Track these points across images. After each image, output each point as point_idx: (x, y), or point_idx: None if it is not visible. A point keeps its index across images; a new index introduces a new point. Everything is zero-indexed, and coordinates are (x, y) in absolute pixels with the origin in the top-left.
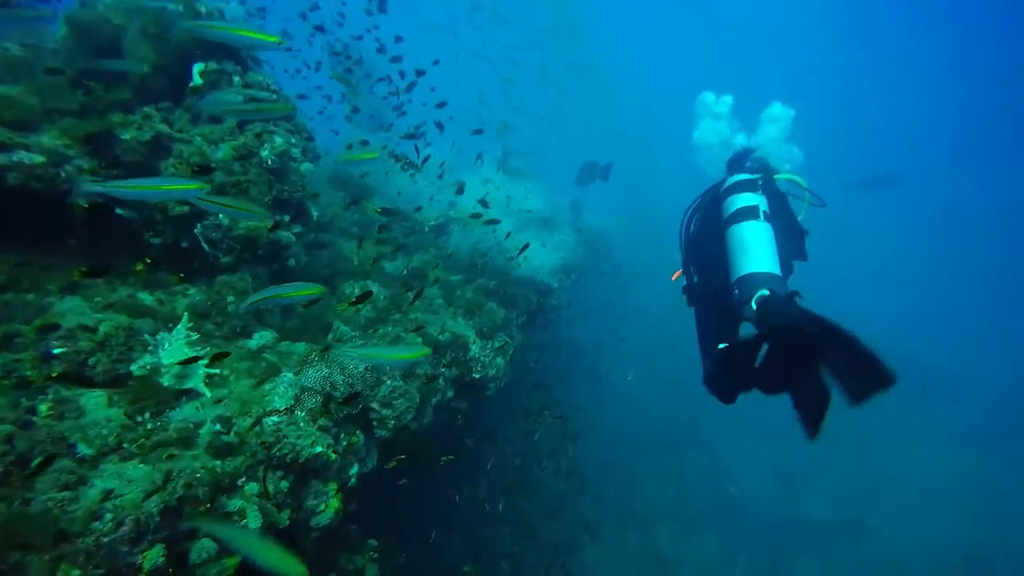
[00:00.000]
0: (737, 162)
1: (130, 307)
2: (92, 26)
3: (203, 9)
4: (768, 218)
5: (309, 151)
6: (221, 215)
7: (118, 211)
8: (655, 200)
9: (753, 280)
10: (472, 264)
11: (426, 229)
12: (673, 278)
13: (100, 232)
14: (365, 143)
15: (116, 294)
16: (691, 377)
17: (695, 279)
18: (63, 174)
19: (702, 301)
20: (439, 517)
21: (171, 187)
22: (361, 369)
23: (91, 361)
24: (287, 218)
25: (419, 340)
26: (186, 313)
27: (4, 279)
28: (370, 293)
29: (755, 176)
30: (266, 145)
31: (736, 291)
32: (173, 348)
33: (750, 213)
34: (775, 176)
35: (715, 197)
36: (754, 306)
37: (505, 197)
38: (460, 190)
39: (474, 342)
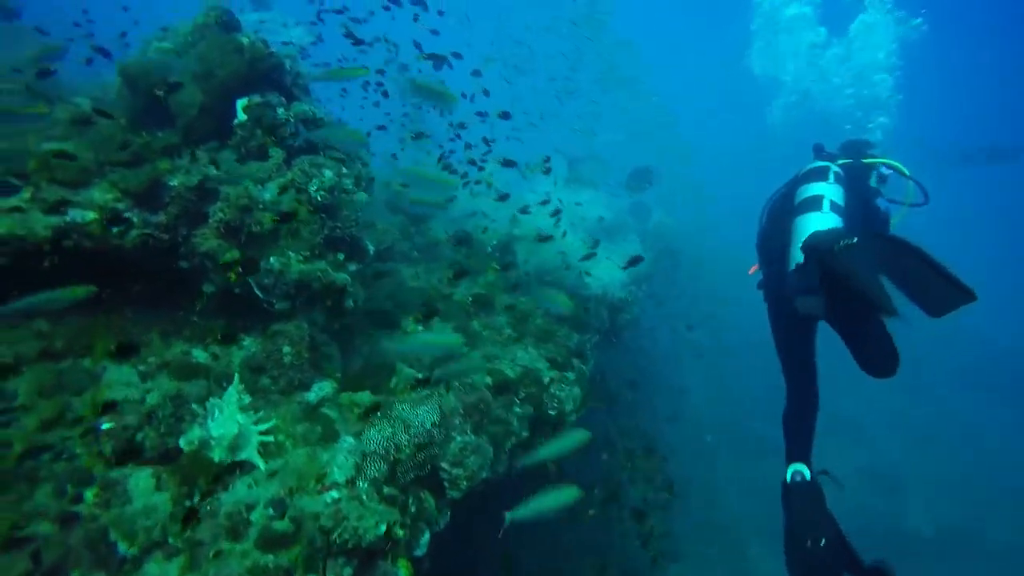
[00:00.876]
0: (822, 148)
1: (183, 367)
2: (140, 74)
3: (245, 41)
4: (835, 209)
5: (364, 178)
6: (271, 260)
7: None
8: (708, 198)
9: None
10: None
11: (488, 249)
12: (750, 272)
13: (159, 280)
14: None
15: (171, 350)
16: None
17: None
18: (115, 229)
19: (770, 297)
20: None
21: None
22: (428, 426)
23: (139, 437)
24: (341, 256)
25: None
26: (237, 374)
27: (62, 344)
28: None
29: (826, 164)
30: (314, 180)
31: (789, 281)
32: (224, 416)
33: (814, 204)
34: (866, 160)
35: (791, 184)
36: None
37: (568, 207)
38: (525, 210)
39: (548, 375)
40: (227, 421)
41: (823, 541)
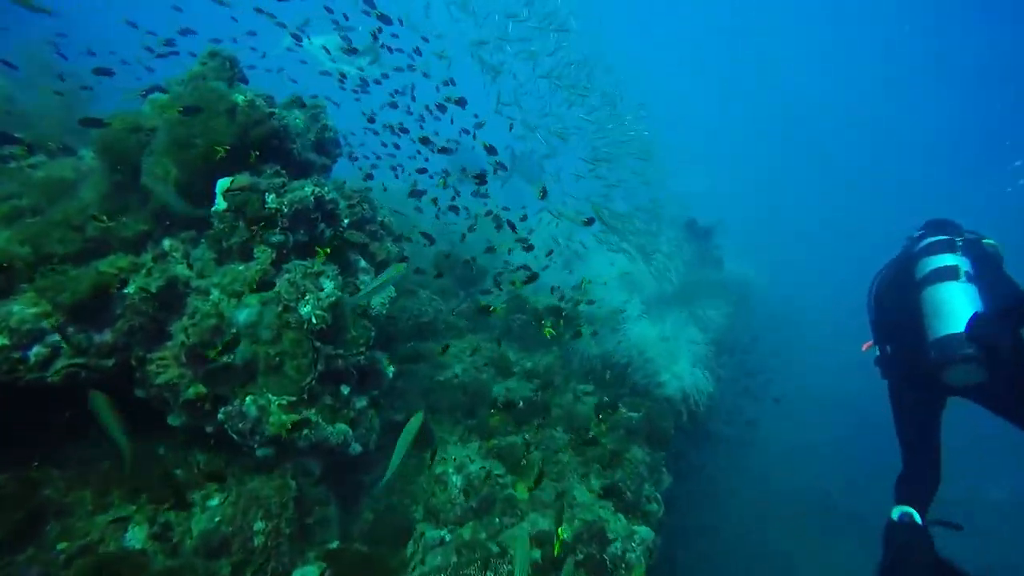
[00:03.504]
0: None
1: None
2: (112, 141)
3: (239, 100)
4: (971, 279)
5: (393, 258)
6: (246, 402)
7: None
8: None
9: (951, 342)
10: (602, 377)
11: (546, 327)
12: (864, 348)
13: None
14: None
15: (97, 521)
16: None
17: (888, 349)
18: (32, 358)
19: (896, 373)
20: None
21: None
22: None
23: None
24: (346, 390)
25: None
26: None
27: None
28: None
29: (951, 237)
30: (308, 298)
31: (932, 353)
32: None
33: (948, 274)
34: (984, 240)
35: (907, 259)
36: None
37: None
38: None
39: (613, 527)
40: None
41: None
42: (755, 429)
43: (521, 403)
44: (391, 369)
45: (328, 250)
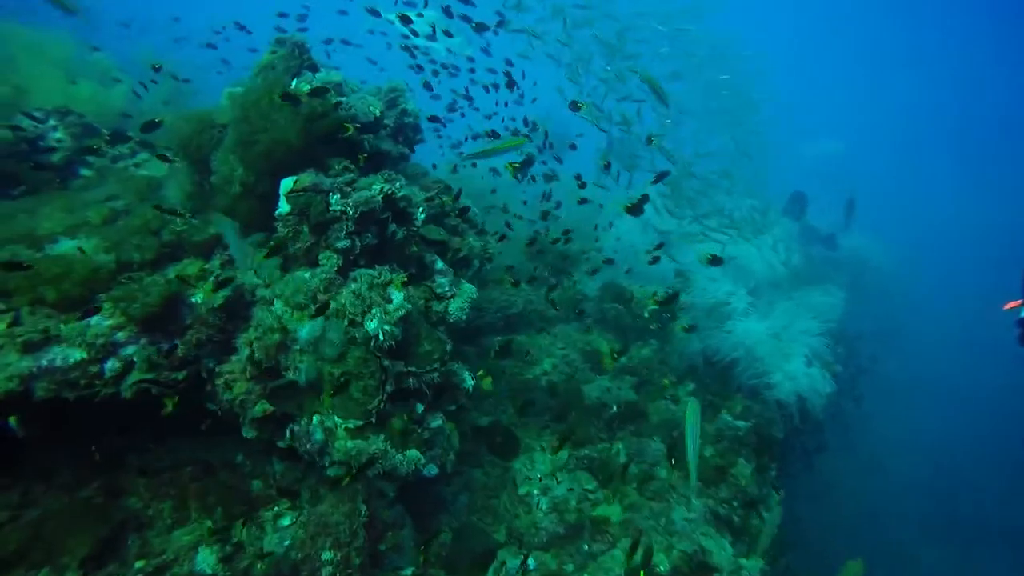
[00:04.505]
0: None
1: None
2: (189, 137)
3: (304, 90)
4: None
5: (478, 255)
6: (313, 423)
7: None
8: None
9: None
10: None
11: (645, 314)
12: (1006, 307)
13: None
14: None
15: (172, 544)
16: None
17: None
18: (108, 372)
19: None
20: None
21: None
22: None
23: None
24: (420, 408)
25: None
26: None
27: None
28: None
29: None
30: (375, 311)
31: None
32: None
33: None
34: None
35: None
36: None
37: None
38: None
39: (717, 558)
40: None
41: None
42: (865, 418)
43: (615, 407)
44: (470, 382)
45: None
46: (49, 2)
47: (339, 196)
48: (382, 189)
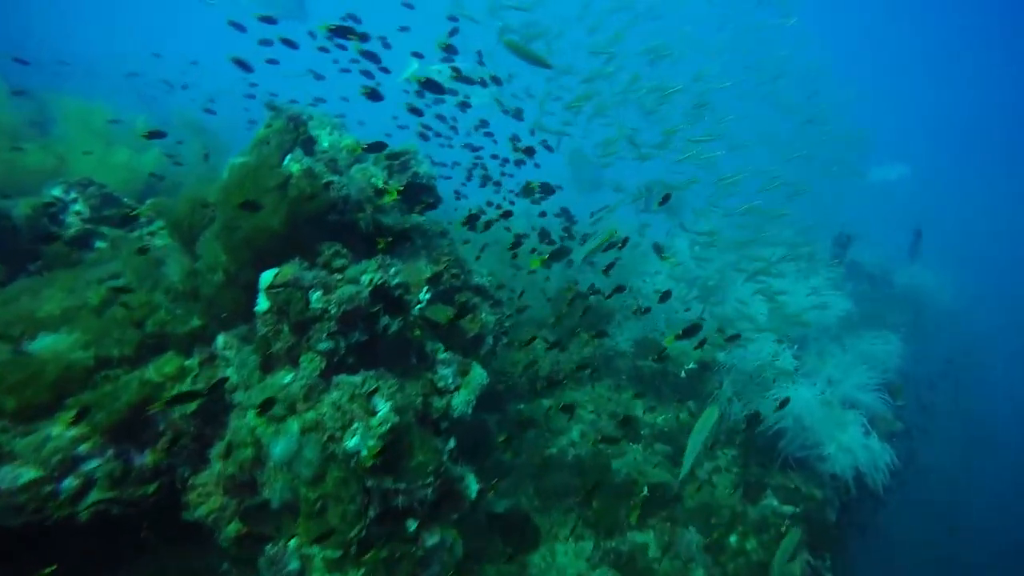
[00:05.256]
0: None
1: None
2: (183, 218)
3: (294, 170)
4: None
5: (491, 330)
6: (289, 548)
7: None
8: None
9: None
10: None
11: (682, 374)
12: None
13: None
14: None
15: None
16: None
17: None
18: (63, 492)
19: None
20: None
21: None
22: None
23: None
24: (412, 526)
25: None
26: None
27: None
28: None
29: None
30: (356, 427)
31: None
32: None
33: None
34: None
35: None
36: None
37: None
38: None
39: None
40: None
41: None
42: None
43: (647, 490)
44: (474, 488)
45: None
46: None
47: (321, 292)
48: (371, 280)
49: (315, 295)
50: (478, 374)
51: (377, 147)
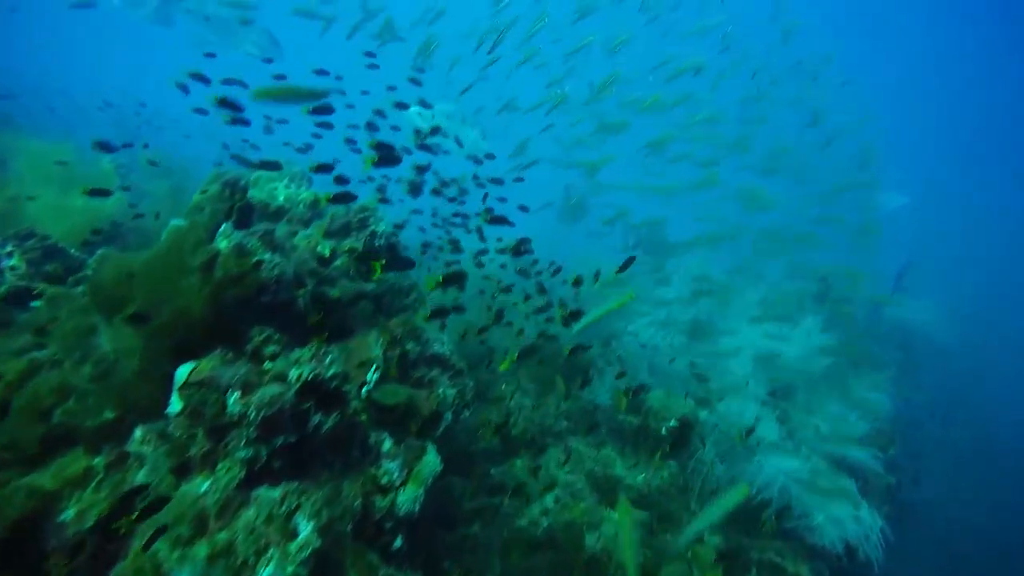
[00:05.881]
0: None
1: None
2: (106, 288)
3: (222, 246)
4: None
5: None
6: None
7: None
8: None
9: None
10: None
11: (663, 431)
12: None
13: None
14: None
15: None
16: None
17: None
18: None
19: None
20: None
21: None
22: None
23: None
24: None
25: None
26: None
27: None
28: None
29: None
30: (271, 553)
31: None
32: None
33: None
34: None
35: None
36: None
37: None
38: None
39: None
40: None
41: None
42: (927, 504)
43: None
44: None
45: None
46: None
47: (239, 394)
48: (300, 376)
49: (232, 397)
50: (429, 462)
51: (344, 198)
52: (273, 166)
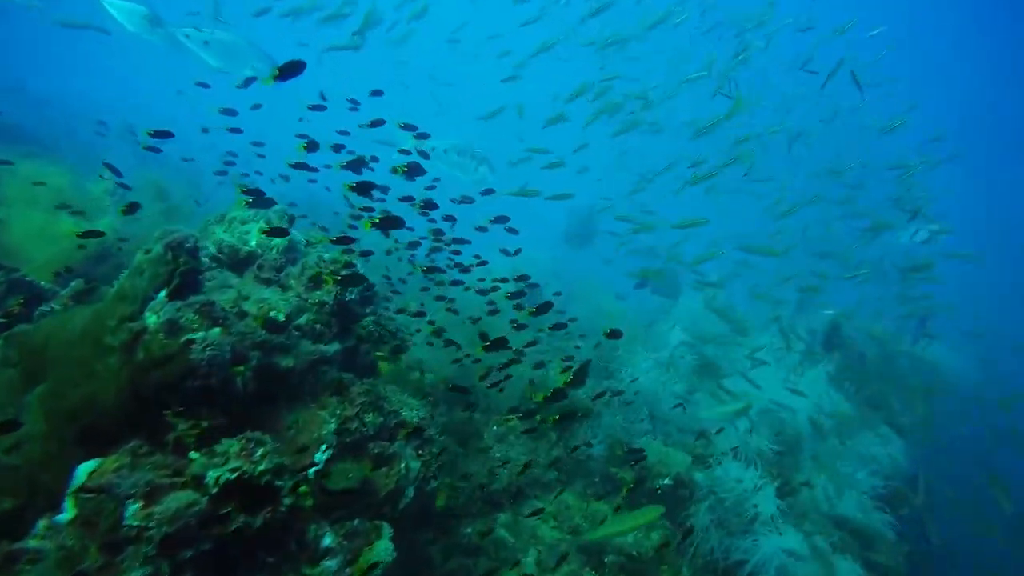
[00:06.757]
0: None
1: None
2: (33, 353)
3: (150, 323)
4: None
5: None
6: None
7: None
8: None
9: None
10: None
11: (656, 485)
12: None
13: None
14: None
15: None
16: None
17: None
18: None
19: None
20: None
21: None
22: None
23: None
24: None
25: None
26: None
27: None
28: None
29: None
30: None
31: None
32: None
33: None
34: None
35: None
36: None
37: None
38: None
39: None
40: None
41: None
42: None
43: None
44: None
45: None
46: None
47: (139, 505)
48: (218, 480)
49: (131, 509)
50: (380, 551)
51: (341, 241)
52: (268, 202)
